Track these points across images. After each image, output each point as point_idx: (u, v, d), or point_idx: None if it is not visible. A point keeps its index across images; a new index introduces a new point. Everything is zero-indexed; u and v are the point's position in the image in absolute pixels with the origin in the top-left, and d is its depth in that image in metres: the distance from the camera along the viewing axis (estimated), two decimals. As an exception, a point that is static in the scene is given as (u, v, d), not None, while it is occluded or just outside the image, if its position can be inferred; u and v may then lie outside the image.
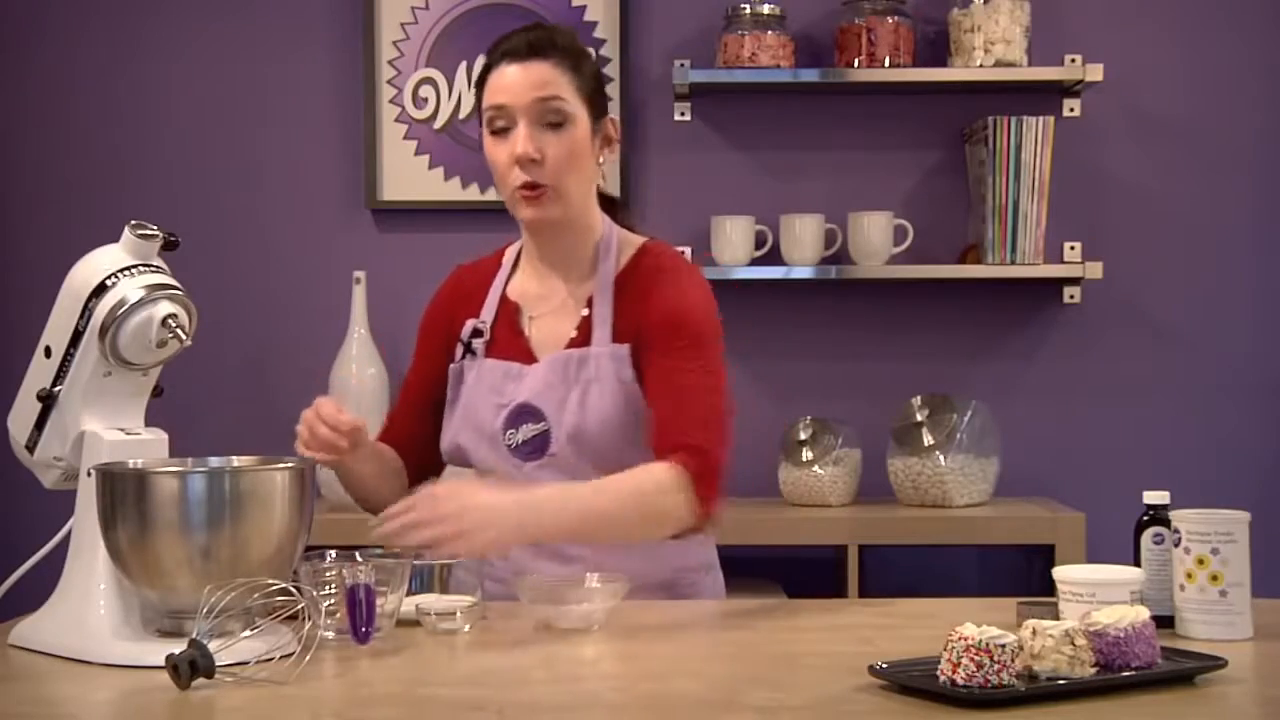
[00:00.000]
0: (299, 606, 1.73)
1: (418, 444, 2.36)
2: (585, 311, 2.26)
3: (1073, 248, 3.60)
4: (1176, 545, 1.91)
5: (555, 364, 2.23)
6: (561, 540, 2.15)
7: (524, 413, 2.23)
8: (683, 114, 3.67)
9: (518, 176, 2.20)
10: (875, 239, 3.51)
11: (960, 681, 1.55)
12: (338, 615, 1.88)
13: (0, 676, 1.79)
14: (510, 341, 2.29)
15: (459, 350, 2.32)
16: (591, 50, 2.33)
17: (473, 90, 2.47)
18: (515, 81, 2.20)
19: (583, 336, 2.25)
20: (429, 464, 2.38)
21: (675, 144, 3.69)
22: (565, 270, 2.30)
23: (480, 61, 2.31)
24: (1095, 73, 3.49)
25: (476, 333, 2.31)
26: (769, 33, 3.53)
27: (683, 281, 2.27)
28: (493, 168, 2.25)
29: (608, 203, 2.37)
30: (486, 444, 2.26)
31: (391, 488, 2.31)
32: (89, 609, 1.84)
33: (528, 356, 2.27)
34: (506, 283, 2.34)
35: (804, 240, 3.52)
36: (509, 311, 2.31)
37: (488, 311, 2.32)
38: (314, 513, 1.89)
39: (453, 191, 3.70)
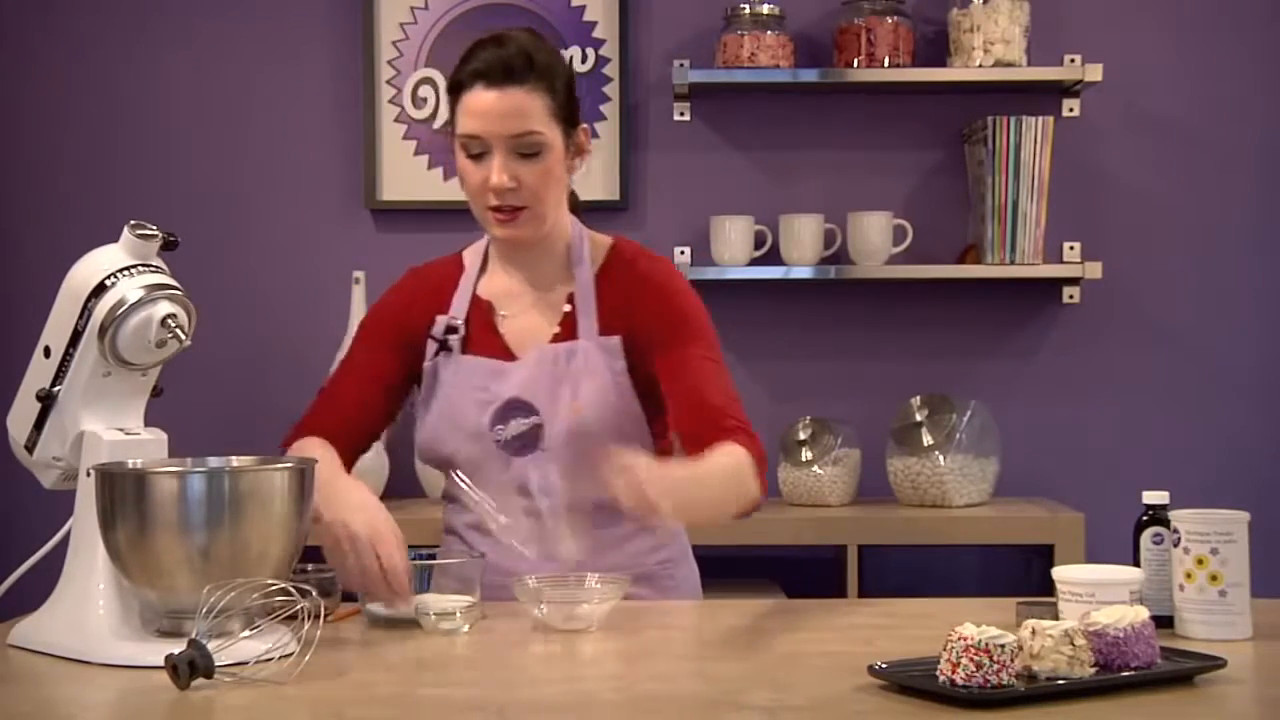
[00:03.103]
0: (299, 606, 1.73)
1: (357, 424, 2.29)
2: (567, 308, 2.27)
3: (1072, 248, 3.60)
4: (1176, 545, 1.91)
5: (543, 358, 2.24)
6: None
7: (513, 408, 2.23)
8: (682, 114, 3.67)
9: (491, 200, 2.20)
10: (875, 239, 3.51)
11: (960, 681, 1.56)
12: None
13: (0, 676, 1.79)
14: (485, 339, 2.29)
15: (432, 347, 2.29)
16: (563, 54, 2.27)
17: (445, 96, 2.40)
18: (489, 110, 2.17)
19: (566, 332, 2.26)
20: (363, 446, 2.32)
21: (674, 144, 3.68)
22: (538, 270, 2.31)
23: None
24: (1095, 73, 3.49)
25: (450, 329, 2.29)
26: (768, 33, 3.52)
27: (665, 275, 2.30)
28: (464, 183, 2.23)
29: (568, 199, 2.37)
30: (468, 439, 2.25)
31: None
32: (89, 609, 1.84)
33: (505, 354, 2.27)
34: (476, 282, 2.34)
35: (803, 240, 3.52)
36: (481, 310, 2.31)
37: (458, 309, 2.31)
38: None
39: (452, 191, 3.68)
